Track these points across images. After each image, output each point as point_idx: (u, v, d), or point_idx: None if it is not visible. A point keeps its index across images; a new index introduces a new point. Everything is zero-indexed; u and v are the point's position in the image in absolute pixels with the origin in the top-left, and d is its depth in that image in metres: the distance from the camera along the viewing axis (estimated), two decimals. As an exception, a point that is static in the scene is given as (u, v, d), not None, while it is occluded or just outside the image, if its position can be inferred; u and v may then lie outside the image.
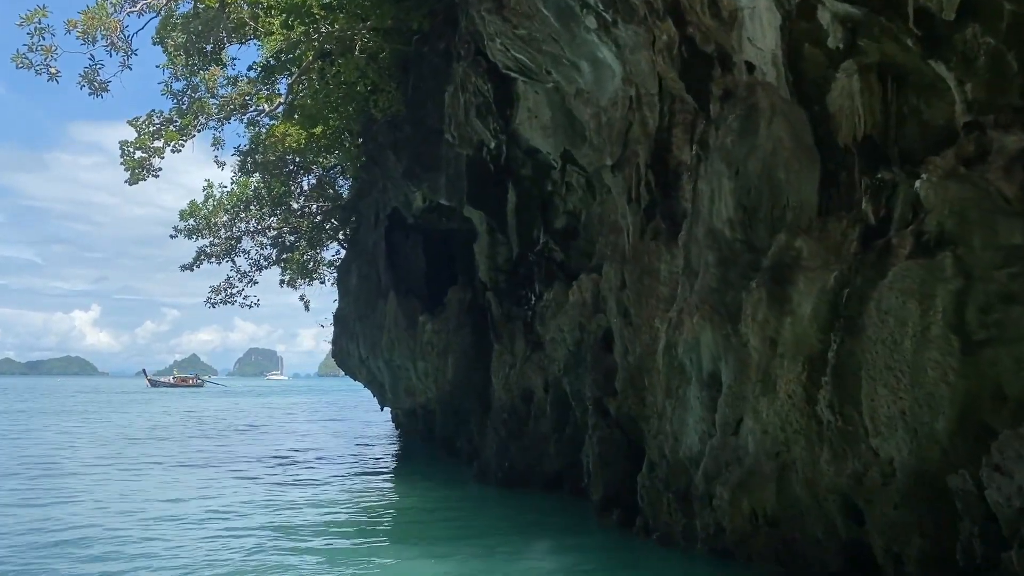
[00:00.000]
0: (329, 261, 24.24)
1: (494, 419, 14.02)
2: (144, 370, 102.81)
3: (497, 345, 15.10)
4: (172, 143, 20.59)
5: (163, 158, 21.23)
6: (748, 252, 8.44)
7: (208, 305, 24.15)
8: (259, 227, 22.45)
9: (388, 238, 19.56)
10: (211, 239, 22.09)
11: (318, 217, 22.32)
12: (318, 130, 22.95)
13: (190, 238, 21.90)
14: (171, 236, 21.58)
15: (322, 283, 25.71)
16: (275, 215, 22.14)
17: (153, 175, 21.70)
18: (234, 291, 24.23)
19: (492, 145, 14.70)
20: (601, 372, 10.45)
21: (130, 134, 20.09)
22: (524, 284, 15.02)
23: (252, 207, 21.76)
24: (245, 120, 21.90)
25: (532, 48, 11.69)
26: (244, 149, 21.44)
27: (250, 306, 24.61)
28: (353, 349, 21.19)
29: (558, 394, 12.58)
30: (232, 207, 21.82)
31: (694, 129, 9.85)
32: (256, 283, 24.23)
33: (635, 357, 9.71)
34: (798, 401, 7.35)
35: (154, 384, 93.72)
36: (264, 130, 23.23)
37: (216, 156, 24.91)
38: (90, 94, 19.47)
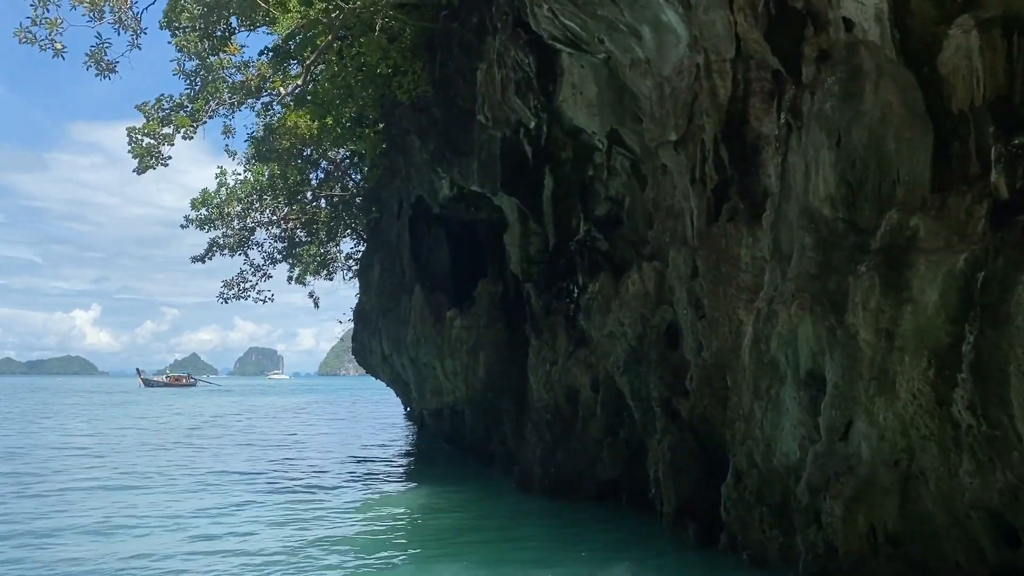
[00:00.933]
0: (348, 254, 23.24)
1: (536, 421, 13.11)
2: (138, 369, 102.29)
3: (535, 341, 14.19)
4: (183, 129, 19.72)
5: (172, 145, 20.36)
6: (853, 233, 7.51)
7: (221, 300, 23.30)
8: (274, 218, 21.51)
9: (411, 229, 18.65)
10: (224, 230, 21.21)
11: (338, 206, 21.35)
12: (329, 120, 22.09)
13: (202, 229, 21.01)
14: (182, 226, 20.72)
15: (338, 278, 24.86)
16: (291, 205, 21.19)
17: (162, 164, 20.83)
18: (247, 285, 23.36)
19: (531, 125, 13.77)
20: (668, 370, 9.54)
21: (133, 124, 19.13)
22: (564, 276, 14.10)
23: (267, 197, 20.83)
24: (259, 106, 21.04)
25: (585, 13, 10.75)
26: (258, 135, 20.51)
27: (264, 301, 23.73)
28: (375, 346, 20.27)
29: (609, 393, 11.67)
30: (246, 196, 20.90)
31: (775, 97, 8.92)
32: (270, 277, 23.39)
33: (711, 353, 8.78)
34: (926, 402, 6.42)
35: (147, 384, 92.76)
36: (276, 119, 22.40)
37: (227, 145, 24.05)
38: (97, 75, 18.58)
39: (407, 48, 17.22)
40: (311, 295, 27.33)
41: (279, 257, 22.77)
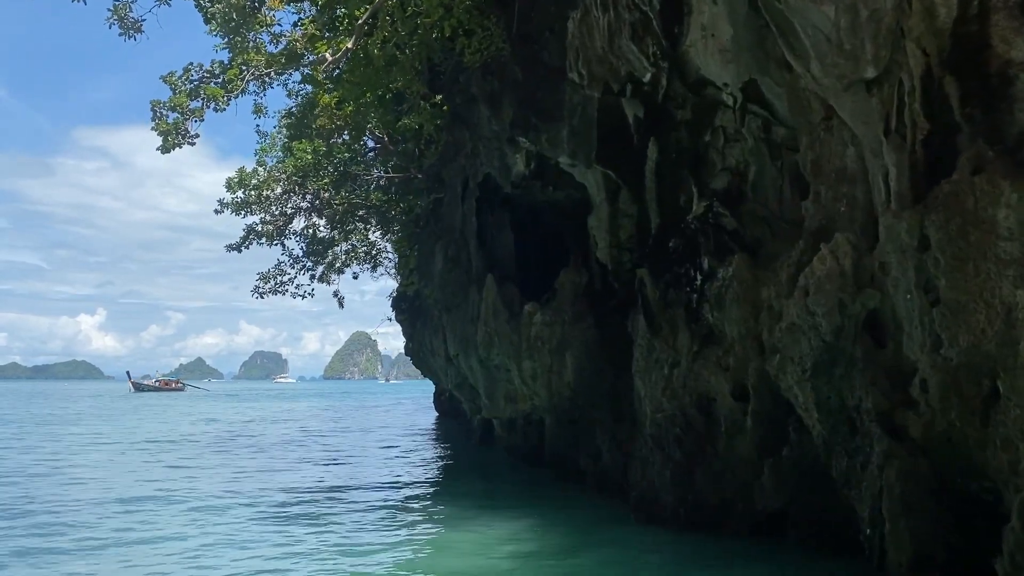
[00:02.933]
0: (397, 239, 20.85)
1: (655, 436, 11.04)
2: (128, 373, 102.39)
3: (646, 338, 12.11)
4: (215, 102, 17.78)
5: (202, 120, 18.41)
6: None
7: (255, 295, 21.35)
8: (316, 204, 19.48)
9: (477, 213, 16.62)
10: (262, 215, 19.25)
11: (389, 188, 19.31)
12: (368, 96, 20.13)
13: (237, 214, 19.05)
14: (216, 211, 18.75)
15: (377, 271, 22.83)
16: (342, 187, 19.12)
17: (189, 142, 18.91)
18: (285, 279, 21.38)
19: (646, 78, 11.73)
20: (881, 373, 7.44)
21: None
22: (681, 260, 12.02)
23: (310, 179, 18.81)
24: (291, 84, 19.14)
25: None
26: (296, 111, 18.59)
27: (303, 296, 21.73)
28: (438, 346, 18.23)
29: (764, 403, 9.59)
30: (288, 177, 18.90)
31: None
32: (311, 268, 21.35)
33: (960, 351, 6.68)
34: None
35: (138, 388, 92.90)
36: (311, 95, 20.50)
37: (258, 126, 22.17)
38: (120, 35, 16.73)
39: (474, 4, 15.25)
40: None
41: (322, 248, 20.75)
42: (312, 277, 24.35)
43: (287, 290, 21.49)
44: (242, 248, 19.83)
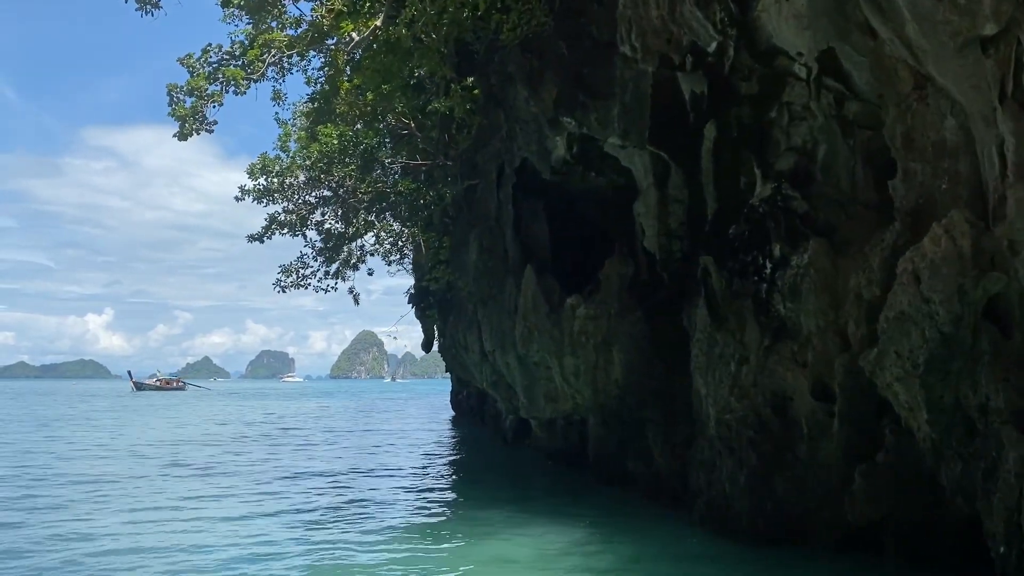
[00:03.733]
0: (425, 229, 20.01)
1: (724, 438, 10.21)
2: (129, 372, 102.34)
3: (706, 332, 11.28)
4: (235, 85, 17.06)
5: (221, 105, 17.74)
6: None
7: (277, 289, 20.58)
8: (340, 192, 18.64)
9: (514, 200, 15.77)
10: (284, 204, 18.45)
11: (419, 175, 18.48)
12: (386, 88, 19.35)
13: (259, 202, 18.26)
14: (236, 199, 18.00)
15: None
16: (369, 173, 18.26)
17: (207, 130, 18.26)
18: (307, 272, 20.59)
19: (711, 48, 10.88)
20: (1014, 366, 6.60)
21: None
22: (748, 247, 11.18)
23: (335, 166, 17.99)
24: (311, 71, 18.37)
25: None
26: (319, 95, 17.82)
27: (326, 290, 20.94)
28: (472, 342, 17.41)
29: (853, 403, 8.75)
30: (313, 164, 18.08)
31: None
32: (335, 262, 20.54)
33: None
34: None
35: (139, 387, 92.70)
36: (331, 76, 19.72)
37: (276, 114, 21.40)
38: (137, 9, 16.05)
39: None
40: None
41: (337, 244, 19.91)
42: (327, 274, 23.67)
43: (309, 283, 20.77)
44: (264, 238, 19.08)
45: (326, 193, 18.57)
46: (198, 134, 18.12)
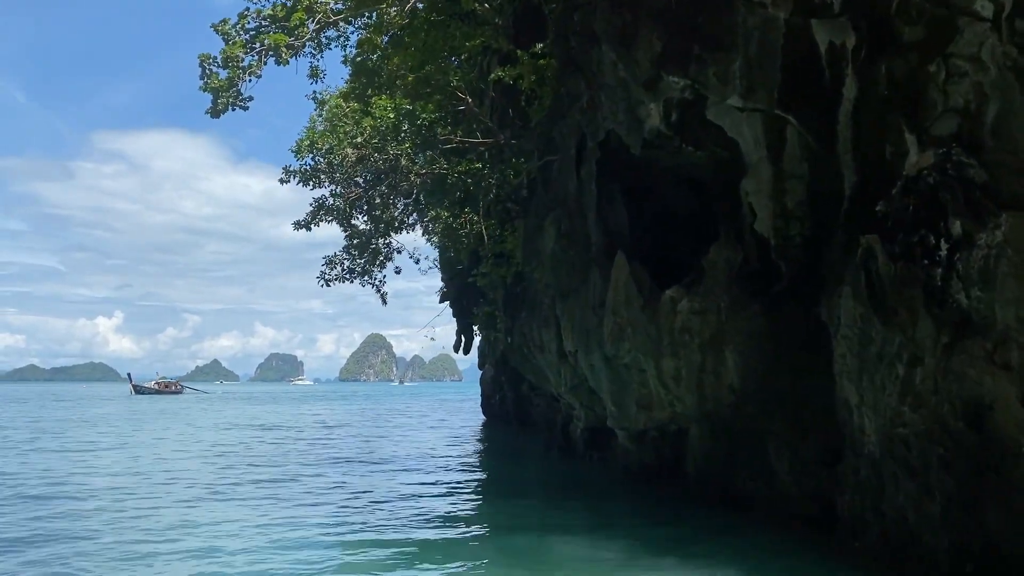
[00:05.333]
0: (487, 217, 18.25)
1: (905, 457, 8.50)
2: (129, 374, 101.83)
3: (861, 328, 9.58)
4: (276, 50, 15.50)
5: (259, 77, 16.20)
6: None
7: (321, 283, 19.03)
8: (393, 174, 16.99)
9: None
10: (332, 188, 16.84)
11: (484, 155, 16.80)
12: (430, 68, 17.77)
13: (305, 185, 16.70)
14: (281, 180, 16.41)
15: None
16: (425, 153, 16.67)
17: (241, 106, 16.69)
18: (353, 264, 18.98)
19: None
20: None
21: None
22: (915, 225, 9.47)
23: (390, 143, 16.36)
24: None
25: None
26: (366, 67, 16.24)
27: (375, 286, 19.32)
28: (548, 340, 15.70)
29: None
30: (365, 140, 16.45)
31: None
32: (382, 254, 18.90)
33: None
34: None
35: (138, 390, 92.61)
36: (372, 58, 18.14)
37: (315, 92, 19.87)
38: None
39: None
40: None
41: (405, 226, 18.31)
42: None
43: (355, 278, 19.15)
44: (311, 225, 17.52)
45: (382, 170, 16.82)
46: (232, 110, 16.60)
